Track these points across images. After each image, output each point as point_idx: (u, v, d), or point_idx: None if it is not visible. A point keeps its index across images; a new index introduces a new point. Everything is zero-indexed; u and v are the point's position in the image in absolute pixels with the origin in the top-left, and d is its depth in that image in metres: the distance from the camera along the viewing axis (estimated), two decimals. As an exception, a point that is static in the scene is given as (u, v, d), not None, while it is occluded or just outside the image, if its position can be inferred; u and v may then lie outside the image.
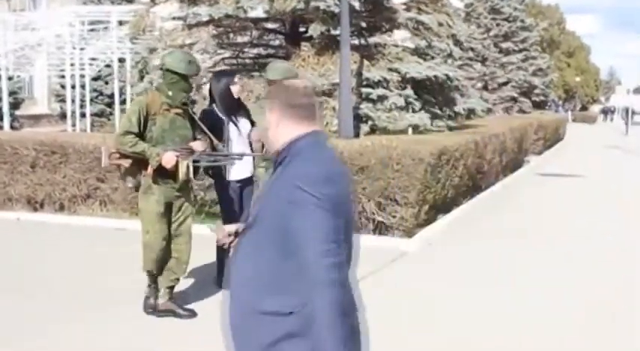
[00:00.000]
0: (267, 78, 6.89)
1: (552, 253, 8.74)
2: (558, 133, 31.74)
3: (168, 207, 5.98)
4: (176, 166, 5.79)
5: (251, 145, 6.77)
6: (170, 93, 5.90)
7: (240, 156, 6.44)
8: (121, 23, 24.22)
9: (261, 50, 13.76)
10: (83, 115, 32.27)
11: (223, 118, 6.61)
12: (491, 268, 7.90)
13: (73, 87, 32.08)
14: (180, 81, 5.91)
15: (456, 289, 7.01)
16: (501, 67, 34.42)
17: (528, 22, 35.71)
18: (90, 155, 10.33)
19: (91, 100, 33.75)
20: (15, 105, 33.14)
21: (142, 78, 12.45)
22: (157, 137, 5.82)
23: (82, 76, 32.12)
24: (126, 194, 10.19)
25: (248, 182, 6.77)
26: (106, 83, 33.94)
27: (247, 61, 13.18)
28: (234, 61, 13.14)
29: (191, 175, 5.90)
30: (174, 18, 12.95)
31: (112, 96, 27.82)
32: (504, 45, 34.53)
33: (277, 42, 13.91)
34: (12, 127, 28.25)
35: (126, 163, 5.86)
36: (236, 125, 6.66)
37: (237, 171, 6.60)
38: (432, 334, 5.71)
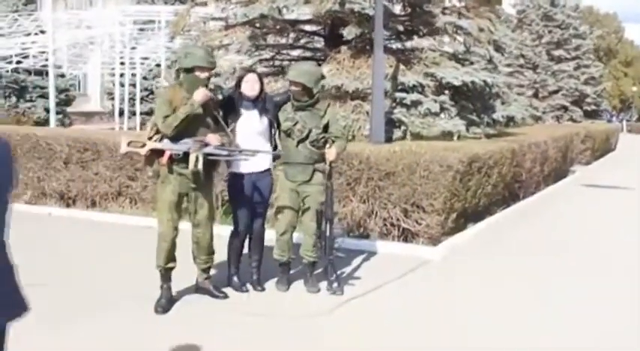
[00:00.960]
0: (288, 78, 6.87)
1: (582, 271, 8.26)
2: (609, 143, 31.03)
3: (183, 198, 6.17)
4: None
5: (271, 141, 6.72)
6: (188, 87, 6.05)
7: (254, 153, 6.39)
8: (169, 23, 24.50)
9: (300, 52, 13.71)
10: (134, 113, 32.82)
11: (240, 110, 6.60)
12: (512, 282, 7.59)
13: (124, 85, 32.64)
14: (198, 76, 6.05)
15: (470, 303, 6.80)
16: (552, 74, 33.91)
17: (582, 30, 35.06)
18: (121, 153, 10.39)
19: (141, 98, 34.31)
20: (67, 102, 33.86)
21: (178, 77, 12.47)
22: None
23: (133, 74, 32.68)
24: (155, 193, 10.24)
25: (262, 176, 6.73)
26: (157, 82, 34.42)
27: (285, 63, 13.14)
28: (271, 63, 13.13)
29: (200, 166, 5.94)
30: (213, 18, 13.01)
31: (159, 95, 28.16)
32: (556, 52, 33.99)
33: (316, 45, 13.85)
34: (62, 124, 28.86)
35: (142, 151, 6.05)
36: (248, 119, 6.61)
37: (250, 164, 6.55)
38: (445, 342, 5.56)
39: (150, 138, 6.07)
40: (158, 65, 31.41)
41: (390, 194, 8.87)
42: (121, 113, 32.35)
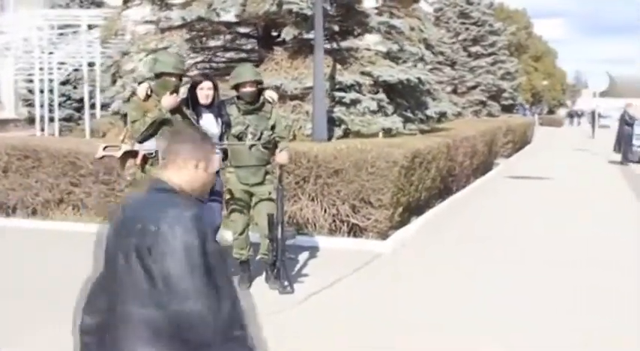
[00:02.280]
0: (241, 81, 6.97)
1: (515, 255, 8.86)
2: (526, 136, 32.15)
3: None
4: None
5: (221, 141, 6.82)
6: (159, 92, 6.25)
7: (222, 151, 6.53)
8: (90, 27, 24.07)
9: (234, 54, 13.78)
10: (52, 119, 31.98)
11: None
12: (454, 273, 7.98)
13: (42, 91, 31.79)
14: (167, 81, 6.26)
15: (427, 291, 7.11)
16: (470, 70, 34.71)
17: (497, 27, 36.06)
18: (63, 159, 10.29)
19: (60, 104, 33.39)
20: (-21, 110, 32.72)
21: (114, 82, 12.43)
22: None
23: (51, 80, 31.85)
24: (99, 199, 10.18)
25: (216, 177, 6.80)
26: (75, 88, 33.64)
27: (220, 65, 13.19)
28: (207, 66, 13.15)
29: None
30: (146, 21, 12.95)
31: (80, 100, 27.53)
32: (473, 49, 34.84)
33: (250, 46, 13.94)
34: (-22, 132, 27.91)
35: (117, 154, 6.25)
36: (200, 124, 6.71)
37: None
38: (406, 334, 5.79)
39: (122, 141, 6.15)
40: (76, 70, 30.76)
41: (338, 191, 9.08)
42: (37, 119, 31.47)
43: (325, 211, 9.21)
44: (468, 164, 15.01)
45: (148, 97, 6.23)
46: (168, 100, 6.10)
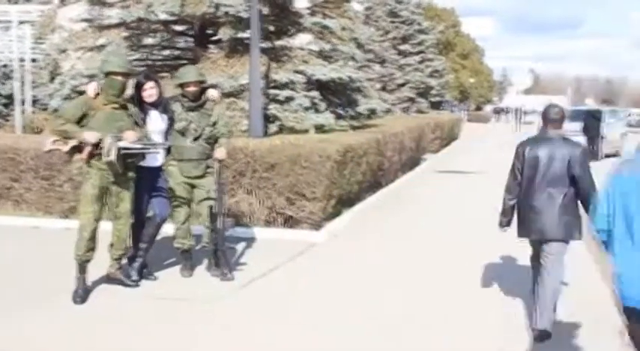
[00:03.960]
0: (185, 81, 7.36)
1: (440, 243, 9.51)
2: (454, 132, 33.17)
3: (104, 191, 6.59)
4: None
5: (166, 137, 7.20)
6: (106, 90, 6.57)
7: (165, 146, 7.00)
8: (20, 22, 23.84)
9: (170, 52, 14.07)
10: (-22, 116, 31.47)
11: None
12: (387, 257, 8.62)
13: (-31, 87, 31.21)
14: (114, 80, 6.56)
15: (358, 277, 7.64)
16: (399, 68, 35.63)
17: (425, 25, 37.11)
18: (3, 155, 10.45)
19: (-14, 101, 32.88)
20: None
21: (52, 79, 12.58)
22: (94, 128, 6.44)
23: (-24, 76, 31.29)
24: (40, 194, 10.40)
25: (155, 171, 7.18)
26: (3, 84, 33.15)
27: (157, 63, 13.47)
28: (144, 63, 13.41)
29: (112, 156, 6.35)
30: (83, 19, 13.12)
31: (9, 97, 27.12)
32: (402, 47, 35.78)
33: (186, 44, 14.25)
34: None
35: (65, 148, 6.50)
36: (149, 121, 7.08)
37: (151, 159, 7.02)
38: (341, 317, 6.30)
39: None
40: (4, 66, 30.35)
41: (274, 184, 9.55)
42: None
43: (261, 203, 9.66)
44: (396, 159, 15.63)
45: (97, 95, 6.57)
46: (91, 137, 6.38)
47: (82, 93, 11.85)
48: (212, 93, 7.64)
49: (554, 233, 5.80)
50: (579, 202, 5.85)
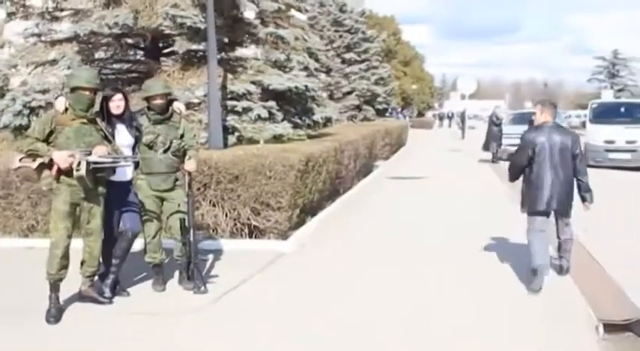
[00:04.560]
0: (152, 93, 7.30)
1: (404, 244, 9.70)
2: (402, 138, 33.52)
3: (75, 208, 6.49)
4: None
5: (134, 151, 7.13)
6: (74, 106, 6.46)
7: (135, 158, 6.91)
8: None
9: (122, 66, 13.93)
10: None
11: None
12: (359, 262, 8.71)
13: None
14: (81, 95, 6.46)
15: (331, 284, 7.67)
16: (345, 76, 35.85)
17: (369, 34, 37.43)
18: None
19: None
20: None
21: (2, 95, 12.31)
22: (62, 144, 6.36)
23: None
24: (-2, 212, 10.17)
25: (125, 186, 7.11)
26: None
27: (109, 76, 13.31)
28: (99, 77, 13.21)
29: (82, 171, 6.26)
30: (32, 34, 12.90)
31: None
32: (347, 56, 36.02)
33: (138, 57, 14.12)
34: None
35: (33, 165, 6.40)
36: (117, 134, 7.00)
37: (121, 173, 6.95)
38: (316, 331, 6.32)
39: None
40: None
41: (239, 195, 9.52)
42: None
43: (227, 215, 9.62)
44: (352, 167, 15.74)
45: (65, 110, 6.47)
46: (61, 161, 6.29)
47: (33, 109, 11.87)
48: (178, 105, 7.62)
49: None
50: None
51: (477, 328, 6.18)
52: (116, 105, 7.02)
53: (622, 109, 24.25)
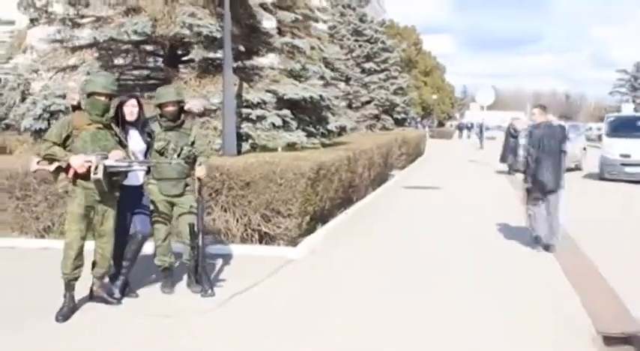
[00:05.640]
0: (164, 101, 7.49)
1: (413, 256, 9.73)
2: (419, 148, 33.57)
3: (90, 210, 6.69)
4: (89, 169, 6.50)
5: (146, 156, 7.32)
6: (90, 110, 6.69)
7: (153, 163, 7.14)
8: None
9: (141, 72, 14.17)
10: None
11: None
12: (366, 271, 8.79)
13: None
14: (97, 100, 6.67)
15: (338, 292, 7.79)
16: (364, 86, 36.00)
17: (389, 44, 37.55)
18: (-24, 176, 10.44)
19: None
20: None
21: (23, 99, 12.60)
22: (79, 147, 6.58)
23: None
24: (16, 214, 10.39)
25: (136, 190, 7.29)
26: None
27: (128, 82, 13.56)
28: (117, 83, 13.45)
29: (99, 175, 6.45)
30: (54, 40, 13.18)
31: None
32: (367, 65, 36.16)
33: (156, 64, 14.35)
34: None
35: (50, 168, 6.61)
36: (130, 140, 7.18)
37: (133, 178, 7.14)
38: (323, 336, 6.45)
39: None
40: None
41: (249, 202, 9.68)
42: None
43: (237, 220, 9.79)
44: (366, 176, 15.86)
45: (78, 103, 6.70)
46: (76, 161, 6.49)
47: (53, 113, 12.12)
48: (194, 103, 7.80)
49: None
50: None
51: (476, 337, 6.28)
52: (130, 111, 7.22)
53: (638, 123, 24.10)
